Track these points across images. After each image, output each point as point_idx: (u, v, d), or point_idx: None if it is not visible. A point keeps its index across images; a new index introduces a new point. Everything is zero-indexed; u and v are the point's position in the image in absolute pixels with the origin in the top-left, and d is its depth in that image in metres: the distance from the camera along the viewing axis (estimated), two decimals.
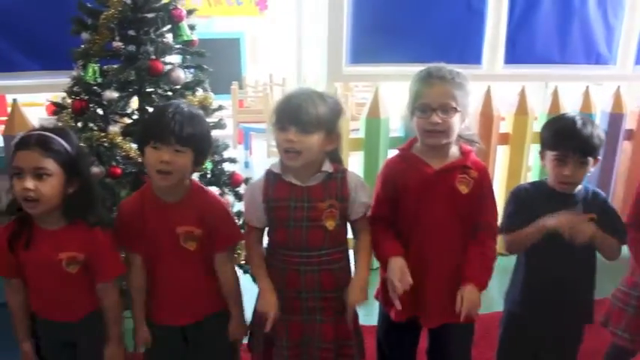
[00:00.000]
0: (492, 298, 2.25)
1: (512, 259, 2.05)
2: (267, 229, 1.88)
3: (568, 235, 1.79)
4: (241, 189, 2.49)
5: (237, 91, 5.42)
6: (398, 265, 1.77)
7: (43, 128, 1.72)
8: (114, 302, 1.80)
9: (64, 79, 2.98)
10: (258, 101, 5.33)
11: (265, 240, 1.90)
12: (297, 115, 1.69)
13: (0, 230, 1.76)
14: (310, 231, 1.78)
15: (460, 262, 1.83)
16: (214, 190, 2.19)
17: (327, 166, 1.80)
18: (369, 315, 2.12)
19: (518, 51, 3.56)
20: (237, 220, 2.04)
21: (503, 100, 3.55)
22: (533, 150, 3.48)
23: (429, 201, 1.82)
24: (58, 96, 4.52)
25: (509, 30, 3.53)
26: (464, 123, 1.83)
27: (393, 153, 1.99)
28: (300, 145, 1.70)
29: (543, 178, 1.98)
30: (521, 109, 3.44)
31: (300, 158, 1.72)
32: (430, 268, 1.84)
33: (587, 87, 3.56)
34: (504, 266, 2.05)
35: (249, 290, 1.98)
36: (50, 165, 1.61)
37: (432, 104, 1.76)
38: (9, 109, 4.63)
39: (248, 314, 1.95)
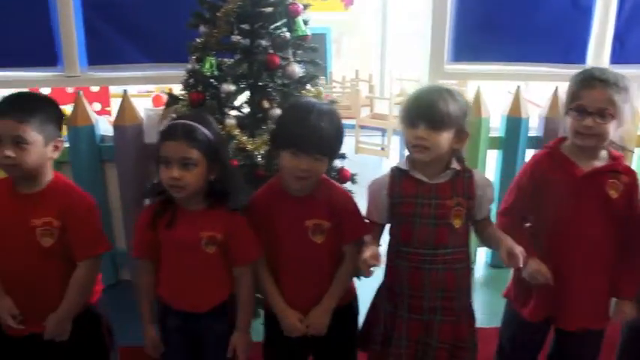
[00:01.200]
0: None
1: None
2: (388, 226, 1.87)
3: None
4: (348, 185, 2.48)
5: (324, 86, 5.41)
6: (539, 264, 1.77)
7: (186, 117, 1.77)
8: (248, 287, 1.82)
9: (169, 71, 3.10)
10: (345, 97, 5.32)
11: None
12: (427, 112, 1.68)
13: (144, 211, 1.83)
14: (437, 229, 1.76)
15: (606, 267, 1.79)
16: None
17: (455, 165, 1.78)
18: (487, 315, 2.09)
19: (627, 49, 3.41)
20: None
21: None
22: None
23: (576, 202, 1.78)
24: (160, 88, 4.70)
25: (618, 27, 3.38)
26: (619, 129, 1.78)
27: (531, 153, 1.96)
28: (430, 142, 1.69)
29: None
30: None
31: (428, 153, 1.71)
32: (575, 270, 1.81)
33: None
34: None
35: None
36: (195, 155, 1.66)
37: (588, 107, 1.72)
38: (111, 100, 4.87)
39: None
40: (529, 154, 3.26)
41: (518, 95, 3.19)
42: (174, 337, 1.85)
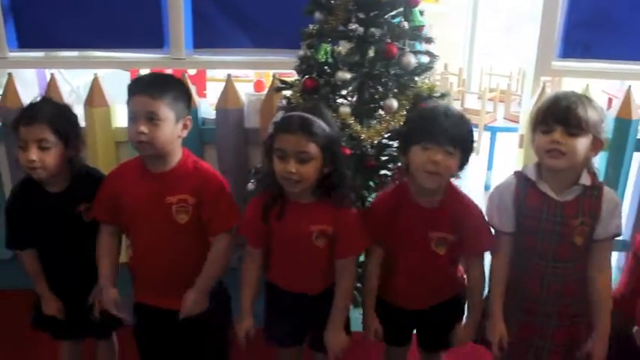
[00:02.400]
0: None
1: None
2: None
3: None
4: None
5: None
6: None
7: (303, 109, 1.75)
8: (350, 281, 1.84)
9: (274, 58, 3.12)
10: None
11: None
12: (566, 116, 1.65)
13: (254, 200, 1.83)
14: (559, 245, 1.74)
15: None
16: None
17: (585, 179, 1.73)
18: None
19: None
20: None
21: None
22: None
23: None
24: (260, 74, 4.75)
25: None
26: None
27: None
28: (566, 147, 1.65)
29: None
30: None
31: (564, 159, 1.67)
32: None
33: None
34: None
35: None
36: (312, 149, 1.66)
37: None
38: (207, 84, 4.96)
39: None
40: (637, 157, 3.15)
41: (629, 96, 3.05)
42: (284, 313, 1.89)
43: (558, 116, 1.67)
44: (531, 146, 1.79)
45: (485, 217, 1.85)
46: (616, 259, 3.22)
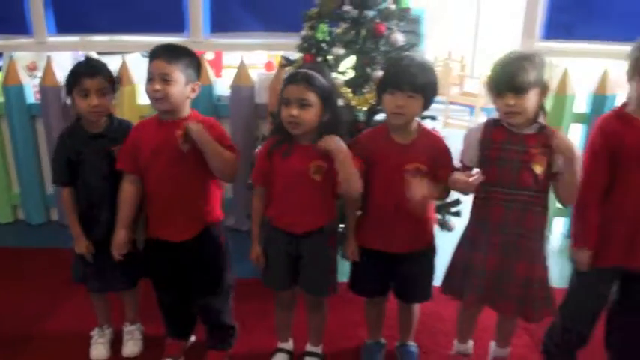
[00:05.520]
0: None
1: None
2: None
3: None
4: None
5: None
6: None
7: (306, 66, 2.09)
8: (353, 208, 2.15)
9: (282, 40, 3.47)
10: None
11: None
12: (511, 82, 1.90)
13: (264, 143, 2.18)
14: (520, 172, 1.98)
15: None
16: None
17: (542, 119, 1.99)
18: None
19: None
20: None
21: None
22: None
23: None
24: (271, 54, 5.10)
25: None
26: None
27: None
28: (519, 107, 1.92)
29: None
30: None
31: (519, 117, 1.94)
32: None
33: None
34: None
35: None
36: (311, 97, 1.97)
37: None
38: (223, 71, 5.34)
39: None
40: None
41: (606, 74, 3.34)
42: (279, 254, 2.18)
43: (505, 83, 1.93)
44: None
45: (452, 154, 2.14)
46: None
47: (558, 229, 3.68)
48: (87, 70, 2.15)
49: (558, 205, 2.09)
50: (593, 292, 2.15)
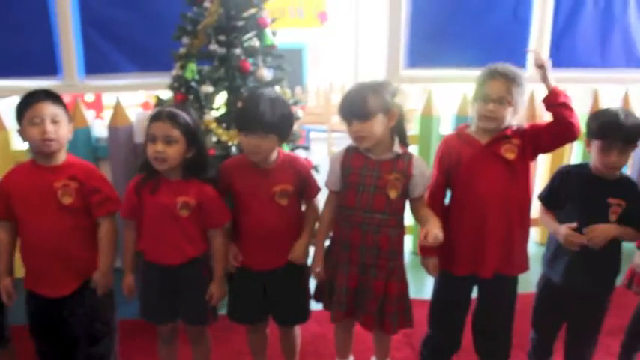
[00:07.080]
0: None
1: None
2: None
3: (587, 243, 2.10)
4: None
5: (300, 96, 5.89)
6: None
7: (171, 105, 2.17)
8: (221, 245, 2.20)
9: (156, 79, 3.51)
10: (319, 105, 5.83)
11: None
12: (354, 109, 2.07)
13: (132, 180, 2.21)
14: (375, 196, 2.13)
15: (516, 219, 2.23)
16: None
17: (397, 148, 2.14)
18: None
19: (562, 55, 3.88)
20: None
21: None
22: None
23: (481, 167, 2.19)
24: (148, 94, 5.09)
25: (554, 35, 3.85)
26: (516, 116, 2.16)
27: None
28: (364, 132, 2.07)
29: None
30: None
31: (366, 141, 2.09)
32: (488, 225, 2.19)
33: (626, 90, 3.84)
34: None
35: None
36: (176, 134, 2.05)
37: (491, 95, 2.11)
38: (104, 111, 5.28)
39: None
40: None
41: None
42: (154, 287, 2.22)
43: (349, 111, 2.10)
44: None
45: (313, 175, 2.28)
46: None
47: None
48: None
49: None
50: (452, 299, 2.34)
